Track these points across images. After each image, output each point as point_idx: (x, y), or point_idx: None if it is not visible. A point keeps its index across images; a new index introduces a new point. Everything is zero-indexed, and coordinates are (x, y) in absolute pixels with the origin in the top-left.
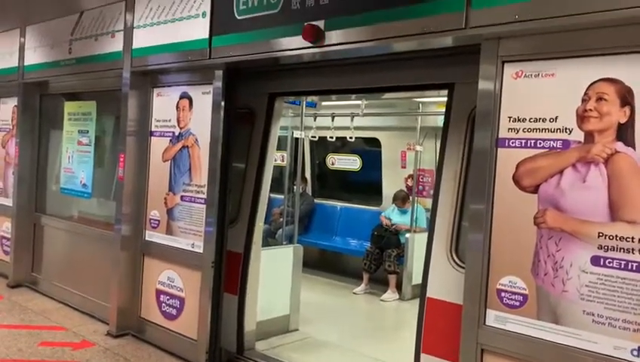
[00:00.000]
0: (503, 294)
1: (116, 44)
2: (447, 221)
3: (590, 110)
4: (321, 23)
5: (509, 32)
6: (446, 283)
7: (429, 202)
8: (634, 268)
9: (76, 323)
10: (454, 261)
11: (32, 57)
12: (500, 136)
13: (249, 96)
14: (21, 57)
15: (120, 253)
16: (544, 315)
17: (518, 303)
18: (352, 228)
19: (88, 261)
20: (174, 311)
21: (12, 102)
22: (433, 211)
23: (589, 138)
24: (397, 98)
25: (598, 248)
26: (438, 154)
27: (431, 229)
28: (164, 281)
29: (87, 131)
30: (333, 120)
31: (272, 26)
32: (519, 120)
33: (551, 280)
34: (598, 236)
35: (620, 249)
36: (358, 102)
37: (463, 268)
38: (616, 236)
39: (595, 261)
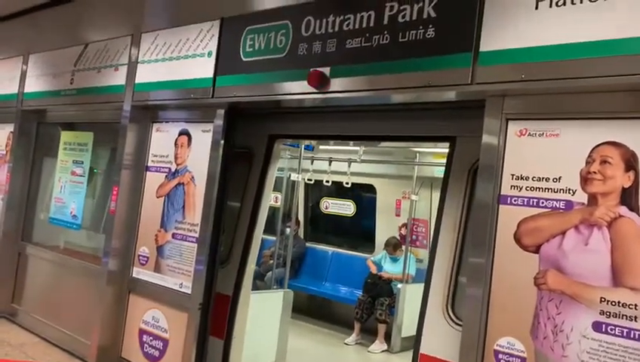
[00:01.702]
0: (500, 356)
1: (119, 78)
2: (444, 275)
3: (594, 172)
4: (326, 70)
5: (514, 90)
6: (440, 340)
7: (421, 252)
8: (636, 336)
9: (54, 360)
10: (450, 317)
11: (33, 85)
12: (502, 193)
13: (248, 137)
14: (21, 84)
15: (105, 288)
16: None
17: None
18: (342, 275)
19: (71, 295)
20: (157, 353)
21: (8, 128)
22: (430, 264)
23: (593, 200)
24: (394, 146)
25: (600, 313)
26: (433, 205)
27: (427, 282)
28: (149, 321)
29: (82, 162)
30: (330, 164)
31: (277, 70)
32: (522, 178)
33: (550, 344)
34: (600, 301)
35: (623, 316)
36: (356, 148)
37: (459, 324)
38: (619, 302)
39: (597, 327)
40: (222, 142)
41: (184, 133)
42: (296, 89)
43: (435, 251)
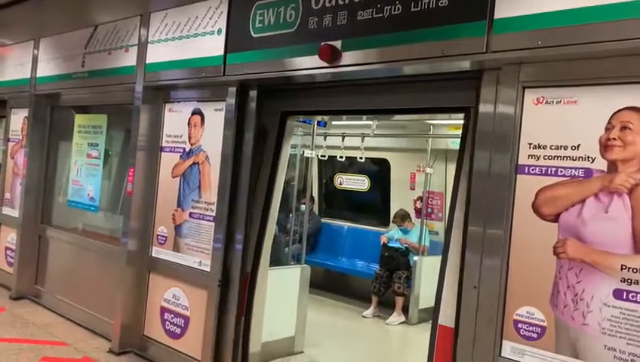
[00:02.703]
0: (519, 325)
1: (130, 59)
2: (461, 247)
3: (614, 139)
4: (337, 43)
5: (530, 57)
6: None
7: (436, 225)
8: None
9: (78, 339)
10: None
11: (45, 69)
12: (520, 162)
13: (261, 114)
14: (34, 69)
15: (125, 269)
16: (563, 349)
17: (535, 335)
18: (358, 249)
19: (92, 275)
20: (178, 330)
21: (23, 113)
22: (447, 236)
23: (613, 167)
24: (408, 120)
25: (621, 281)
26: (448, 177)
27: (444, 254)
28: (170, 299)
29: (97, 144)
30: (343, 140)
31: (288, 45)
32: (540, 147)
33: (571, 313)
34: (621, 269)
35: None
36: (369, 122)
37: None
38: None
39: (618, 294)
40: (234, 120)
41: (197, 112)
42: (308, 64)
43: (451, 223)
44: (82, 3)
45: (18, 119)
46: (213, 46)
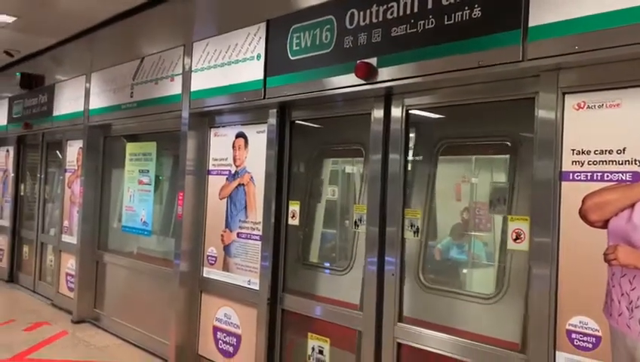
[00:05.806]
0: (573, 335)
1: (175, 87)
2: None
3: None
4: (373, 61)
5: (568, 62)
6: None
7: (484, 236)
8: None
9: (136, 360)
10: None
11: (97, 102)
12: (564, 169)
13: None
14: (86, 102)
15: (179, 290)
16: (620, 359)
17: (590, 345)
18: None
19: (148, 297)
20: (231, 349)
21: (77, 145)
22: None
23: None
24: None
25: None
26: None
27: None
28: (221, 318)
29: (148, 171)
30: None
31: (325, 65)
32: (584, 152)
33: (626, 321)
34: None
35: None
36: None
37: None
38: None
39: None
40: (277, 140)
41: (240, 135)
42: (345, 82)
43: None
44: (129, 37)
45: (73, 150)
46: (253, 71)
